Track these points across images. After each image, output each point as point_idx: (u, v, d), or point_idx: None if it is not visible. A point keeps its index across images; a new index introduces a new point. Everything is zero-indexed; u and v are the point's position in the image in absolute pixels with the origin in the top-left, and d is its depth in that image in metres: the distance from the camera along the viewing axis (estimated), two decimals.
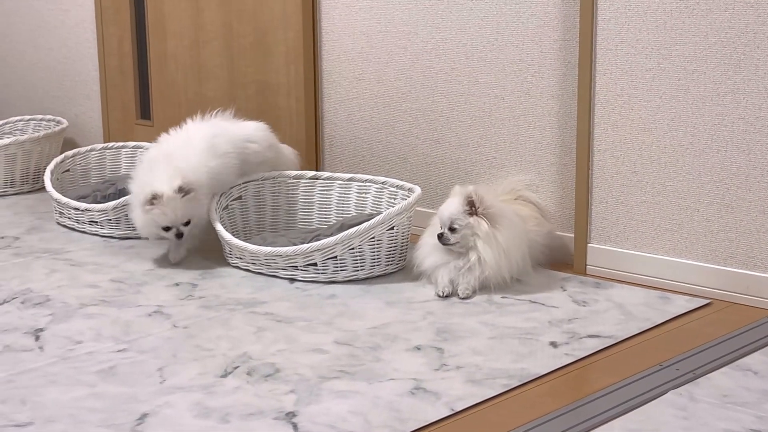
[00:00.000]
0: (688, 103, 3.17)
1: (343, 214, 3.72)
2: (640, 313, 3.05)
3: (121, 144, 4.45)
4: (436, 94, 3.79)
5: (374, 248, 3.35)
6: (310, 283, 3.34)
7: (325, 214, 3.76)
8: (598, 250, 3.43)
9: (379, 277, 3.39)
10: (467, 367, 2.68)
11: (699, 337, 2.87)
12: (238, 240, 3.47)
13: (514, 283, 3.26)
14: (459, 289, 3.20)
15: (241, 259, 3.48)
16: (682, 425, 2.35)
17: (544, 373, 2.64)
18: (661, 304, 3.12)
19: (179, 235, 3.45)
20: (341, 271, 3.34)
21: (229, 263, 3.54)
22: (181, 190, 3.38)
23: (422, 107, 3.84)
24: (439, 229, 3.24)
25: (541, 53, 3.48)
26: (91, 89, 5.06)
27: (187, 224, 3.45)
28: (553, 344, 2.82)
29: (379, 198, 3.65)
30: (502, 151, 3.64)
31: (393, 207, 3.44)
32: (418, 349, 2.80)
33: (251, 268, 3.45)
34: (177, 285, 3.36)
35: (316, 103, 4.14)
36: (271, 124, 4.20)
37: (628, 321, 2.99)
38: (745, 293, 3.13)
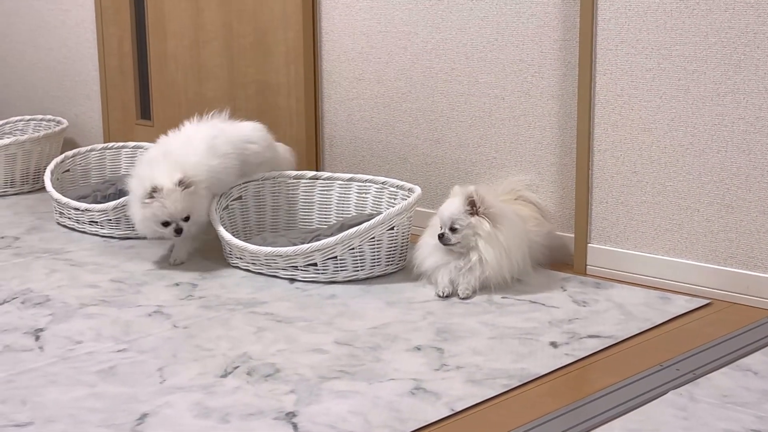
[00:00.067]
0: (688, 103, 3.17)
1: (343, 214, 3.72)
2: (640, 313, 3.05)
3: (121, 144, 4.44)
4: (436, 94, 3.79)
5: (374, 248, 3.35)
6: (310, 283, 3.34)
7: (325, 214, 3.76)
8: (598, 250, 3.42)
9: (379, 277, 3.39)
10: (467, 367, 2.68)
11: (699, 337, 2.87)
12: (238, 240, 3.47)
13: (515, 283, 3.26)
14: (459, 289, 3.20)
15: (241, 259, 3.48)
16: (682, 425, 2.35)
17: (544, 373, 2.64)
18: (661, 304, 3.12)
19: (178, 231, 3.42)
20: (341, 271, 3.34)
21: (229, 263, 3.54)
22: (182, 183, 3.37)
23: (422, 107, 3.84)
24: (440, 230, 3.24)
25: (541, 53, 3.48)
26: (91, 89, 5.06)
27: (187, 220, 3.43)
28: (553, 344, 2.82)
29: (379, 198, 3.65)
30: (502, 151, 3.64)
31: (393, 207, 3.44)
32: (418, 349, 2.80)
33: (251, 268, 3.45)
34: (177, 285, 3.36)
35: (316, 103, 4.14)
36: (271, 124, 4.20)
37: (628, 321, 2.99)
38: (745, 293, 3.13)
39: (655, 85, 3.23)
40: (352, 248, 3.32)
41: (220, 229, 3.50)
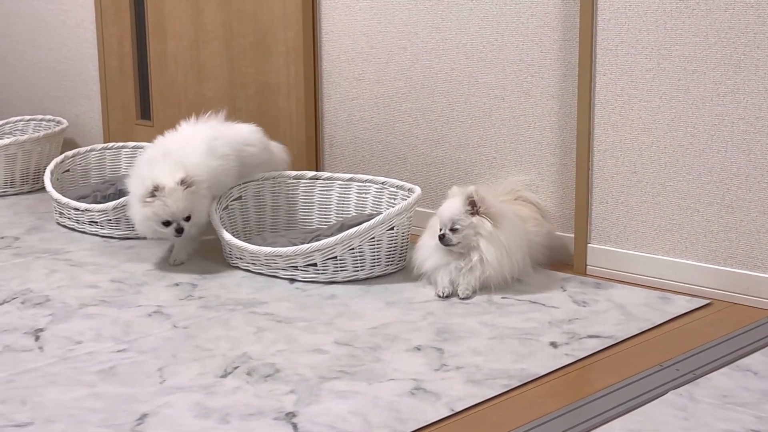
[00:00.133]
0: (688, 103, 3.17)
1: (343, 214, 3.72)
2: (640, 314, 3.05)
3: (121, 144, 4.44)
4: (436, 94, 3.79)
5: (374, 248, 3.35)
6: (310, 284, 3.34)
7: (325, 215, 3.76)
8: (598, 251, 3.42)
9: (379, 277, 3.39)
10: (467, 367, 2.68)
11: (699, 338, 2.87)
12: (238, 240, 3.47)
13: (515, 284, 3.26)
14: (459, 290, 3.20)
15: (241, 259, 3.47)
16: (682, 425, 2.34)
17: (544, 374, 2.64)
18: (661, 305, 3.12)
19: (179, 231, 3.41)
20: (341, 271, 3.34)
21: (229, 263, 3.54)
22: (183, 183, 3.36)
23: (422, 107, 3.84)
24: (439, 231, 3.23)
25: (541, 53, 3.48)
26: (91, 89, 5.06)
27: (188, 220, 3.42)
28: (553, 344, 2.82)
29: (379, 198, 3.65)
30: (502, 152, 3.64)
31: (393, 207, 3.44)
32: (418, 349, 2.80)
33: (251, 268, 3.45)
34: (177, 285, 3.36)
35: (316, 104, 4.14)
36: (271, 125, 4.20)
37: (628, 321, 2.99)
38: (745, 293, 3.13)
39: (655, 85, 3.23)
40: (352, 248, 3.32)
41: (221, 231, 3.50)
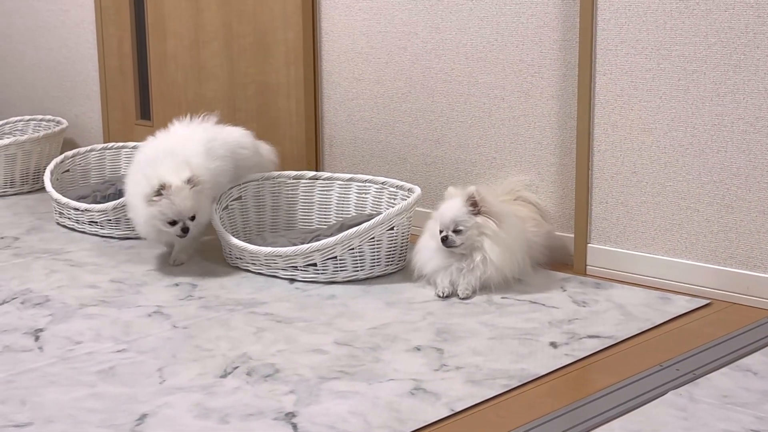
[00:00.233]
0: (688, 103, 3.17)
1: (342, 214, 3.72)
2: (640, 314, 3.05)
3: (121, 144, 4.45)
4: (436, 94, 3.79)
5: (374, 248, 3.35)
6: (310, 284, 3.34)
7: (325, 215, 3.76)
8: (598, 251, 3.42)
9: (378, 277, 3.39)
10: (467, 367, 2.68)
11: (699, 338, 2.87)
12: (238, 240, 3.47)
13: (515, 284, 3.25)
14: (459, 290, 3.20)
15: (241, 259, 3.47)
16: (682, 426, 2.34)
17: (543, 374, 2.64)
18: (661, 305, 3.12)
19: (185, 230, 3.37)
20: (341, 271, 3.34)
21: (229, 263, 3.54)
22: (190, 181, 3.35)
23: (422, 107, 3.83)
24: (440, 233, 3.21)
25: (541, 53, 3.48)
26: (91, 89, 5.06)
27: (192, 219, 3.39)
28: (553, 344, 2.82)
29: (378, 198, 3.65)
30: (502, 152, 3.64)
31: (393, 207, 3.44)
32: (418, 349, 2.80)
33: (251, 268, 3.45)
34: (177, 285, 3.36)
35: (316, 104, 4.14)
36: (271, 125, 4.21)
37: (628, 321, 2.99)
38: (745, 293, 3.13)
39: (655, 86, 3.23)
40: (352, 248, 3.32)
41: (221, 231, 3.50)
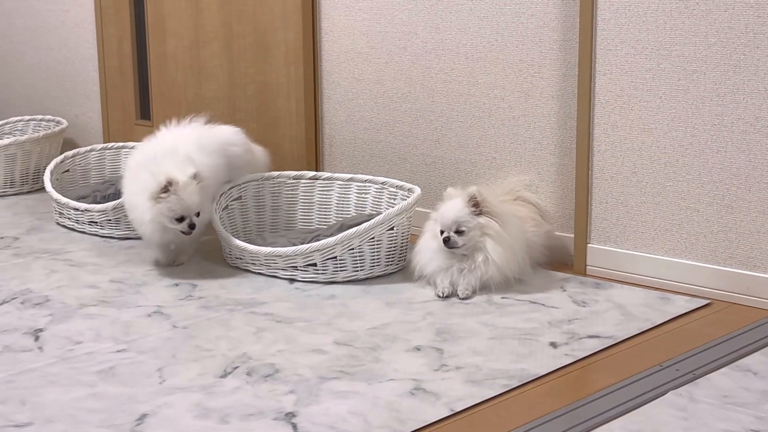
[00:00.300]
0: (688, 103, 3.17)
1: (342, 214, 3.72)
2: (640, 314, 3.05)
3: (120, 144, 4.44)
4: (435, 94, 3.79)
5: (374, 248, 3.35)
6: (310, 284, 3.34)
7: (325, 215, 3.76)
8: (598, 251, 3.42)
9: (378, 277, 3.39)
10: (467, 367, 2.68)
11: (699, 338, 2.87)
12: (238, 240, 3.47)
13: (515, 284, 3.25)
14: (459, 290, 3.20)
15: (240, 259, 3.47)
16: (682, 426, 2.34)
17: (543, 374, 2.64)
18: (660, 305, 3.12)
19: (192, 226, 3.34)
20: (341, 271, 3.34)
21: (229, 263, 3.54)
22: (196, 177, 3.34)
23: (422, 107, 3.83)
24: (440, 233, 3.20)
25: (541, 53, 3.48)
26: (91, 90, 5.06)
27: (198, 216, 3.37)
28: (553, 345, 2.82)
29: (378, 198, 3.65)
30: (502, 152, 3.64)
31: (393, 207, 3.44)
32: (418, 349, 2.80)
33: (251, 268, 3.45)
34: (177, 285, 3.36)
35: (316, 104, 4.14)
36: (271, 125, 4.20)
37: (628, 321, 2.99)
38: (745, 293, 3.13)
39: (655, 86, 3.23)
40: (352, 248, 3.32)
41: (221, 231, 3.50)
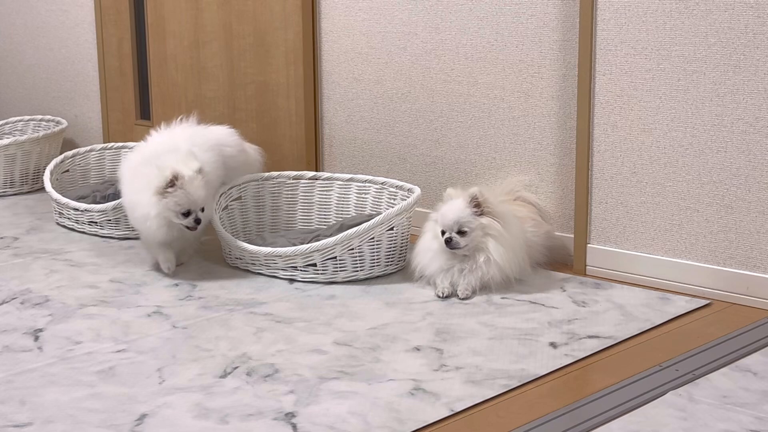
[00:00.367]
0: (687, 103, 3.17)
1: (342, 214, 3.72)
2: (640, 314, 3.05)
3: (120, 144, 4.44)
4: (435, 94, 3.79)
5: (374, 249, 3.35)
6: (310, 284, 3.34)
7: (325, 215, 3.76)
8: (598, 251, 3.42)
9: (378, 277, 3.39)
10: (467, 367, 2.68)
11: (699, 338, 2.87)
12: (238, 240, 3.47)
13: (514, 284, 3.25)
14: (458, 290, 3.20)
15: (240, 259, 3.47)
16: (682, 426, 2.34)
17: (543, 374, 2.64)
18: (660, 305, 3.12)
19: (197, 221, 3.33)
20: (341, 271, 3.34)
21: (229, 264, 3.54)
22: (200, 171, 3.33)
23: (422, 107, 3.83)
24: (441, 234, 3.19)
25: (541, 53, 3.48)
26: (91, 90, 5.06)
27: (203, 211, 3.36)
28: (553, 345, 2.82)
29: (378, 198, 3.65)
30: (502, 152, 3.64)
31: (392, 207, 3.44)
32: (418, 349, 2.80)
33: (251, 268, 3.45)
34: (176, 285, 3.36)
35: (316, 104, 4.14)
36: (271, 125, 4.20)
37: (628, 321, 2.99)
38: (745, 294, 3.13)
39: (655, 86, 3.23)
40: (352, 248, 3.32)
41: (221, 231, 3.50)
